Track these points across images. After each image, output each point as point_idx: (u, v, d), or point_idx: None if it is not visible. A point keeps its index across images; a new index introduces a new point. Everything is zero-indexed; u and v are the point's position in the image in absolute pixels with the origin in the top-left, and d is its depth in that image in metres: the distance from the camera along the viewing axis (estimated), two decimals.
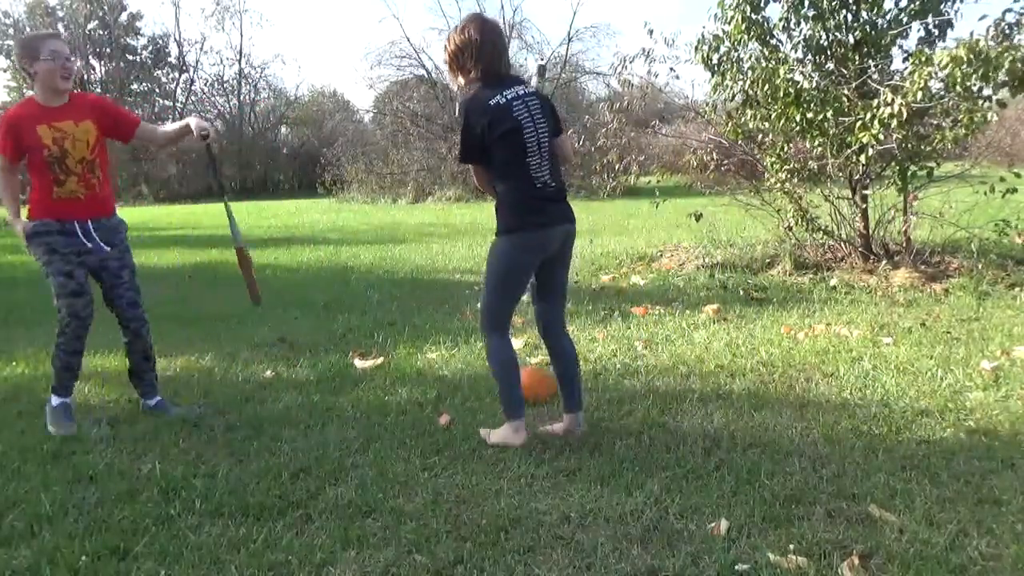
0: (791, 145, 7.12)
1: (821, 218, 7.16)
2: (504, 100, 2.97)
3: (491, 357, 3.19)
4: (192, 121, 3.62)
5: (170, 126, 3.91)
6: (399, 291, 7.09)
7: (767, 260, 7.31)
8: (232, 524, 2.56)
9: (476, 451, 3.13)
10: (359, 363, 4.53)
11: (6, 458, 3.17)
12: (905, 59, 6.51)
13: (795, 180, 7.01)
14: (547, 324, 3.29)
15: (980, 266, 6.31)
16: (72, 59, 3.41)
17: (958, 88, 5.51)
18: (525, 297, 6.64)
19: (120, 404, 3.91)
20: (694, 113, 8.62)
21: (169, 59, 35.65)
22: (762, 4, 6.64)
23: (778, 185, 7.02)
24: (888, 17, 6.53)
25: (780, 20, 6.67)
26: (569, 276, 3.36)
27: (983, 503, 2.58)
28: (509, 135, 2.96)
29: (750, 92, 6.57)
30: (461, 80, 3.07)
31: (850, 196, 6.99)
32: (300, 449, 3.20)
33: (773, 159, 7.03)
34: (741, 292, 6.31)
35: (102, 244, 3.50)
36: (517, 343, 4.87)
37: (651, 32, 7.41)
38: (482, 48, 3.00)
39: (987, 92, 5.67)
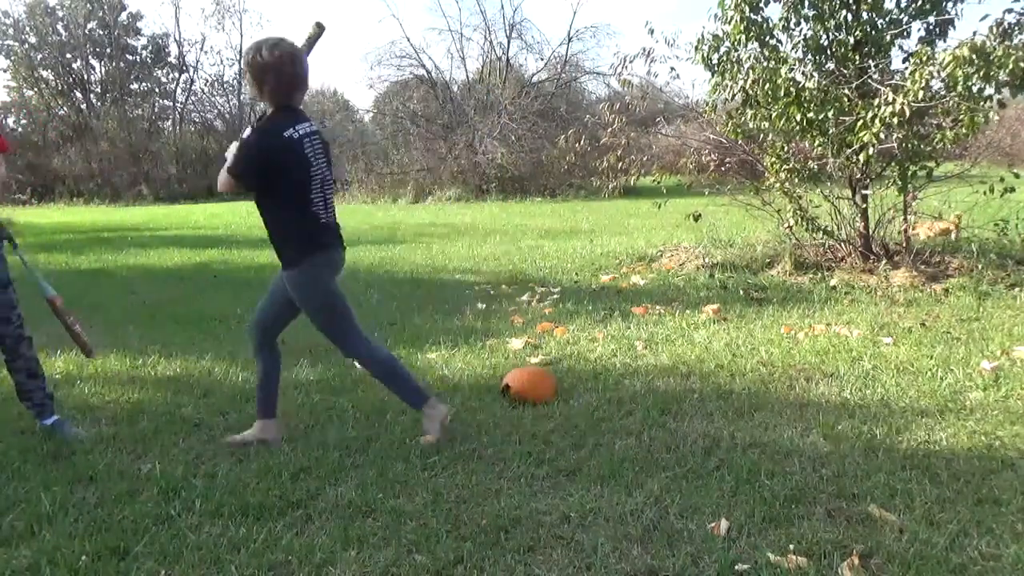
0: (791, 145, 7.12)
1: (821, 218, 7.16)
2: (297, 135, 2.99)
3: (374, 369, 3.30)
4: None
5: None
6: (399, 291, 7.08)
7: (767, 260, 7.31)
8: (232, 524, 2.56)
9: (476, 451, 3.13)
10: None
11: (6, 458, 3.17)
12: (905, 59, 6.51)
13: (795, 180, 7.01)
14: (271, 340, 3.35)
15: (980, 266, 6.31)
16: None
17: (960, 88, 5.51)
18: (525, 296, 6.61)
19: (120, 404, 3.91)
20: (695, 113, 8.62)
21: (169, 59, 35.55)
22: (761, 4, 6.64)
23: (778, 185, 7.02)
24: (888, 17, 6.53)
25: (780, 20, 6.67)
26: (570, 277, 3.36)
27: (983, 503, 2.58)
28: (296, 170, 2.99)
29: (750, 92, 6.57)
30: (253, 91, 3.06)
31: (850, 196, 6.99)
32: (300, 449, 3.20)
33: (773, 159, 7.03)
34: (741, 292, 6.31)
35: None
36: (517, 343, 4.87)
37: (651, 31, 7.42)
38: (290, 79, 2.99)
39: (988, 92, 5.67)
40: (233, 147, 3.07)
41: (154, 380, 4.34)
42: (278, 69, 2.96)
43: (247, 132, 3.04)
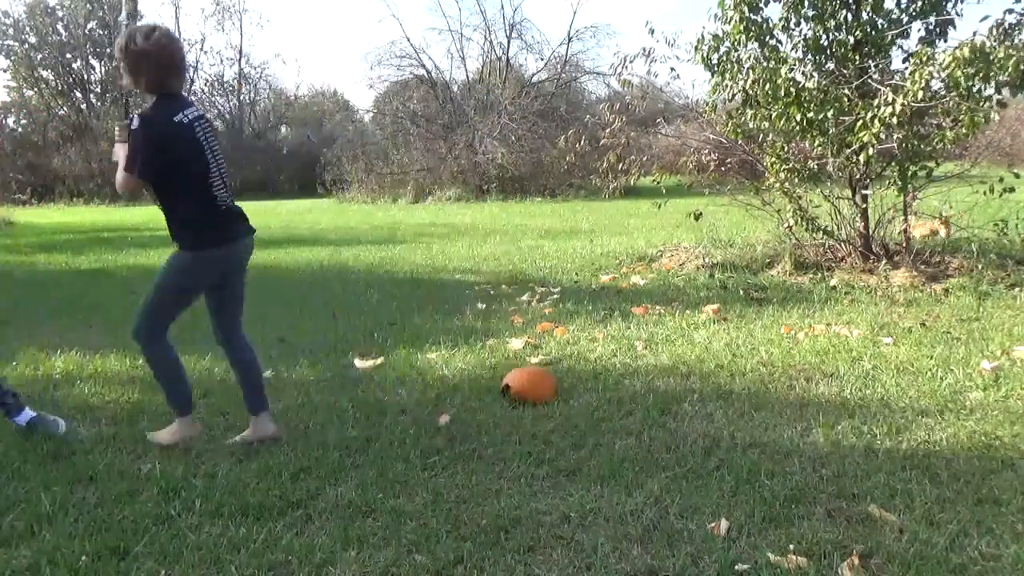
0: (791, 145, 7.12)
1: (821, 218, 7.16)
2: (187, 120, 2.97)
3: (156, 365, 3.27)
4: None
5: None
6: (399, 291, 7.09)
7: (767, 260, 7.31)
8: (232, 524, 2.56)
9: (476, 451, 3.13)
10: (359, 363, 4.53)
11: (6, 458, 3.17)
12: (905, 59, 6.52)
13: (795, 180, 7.01)
14: (228, 336, 3.33)
15: (980, 266, 6.31)
16: None
17: (960, 88, 5.51)
18: (524, 296, 6.62)
19: (120, 404, 3.91)
20: (695, 113, 8.62)
21: None
22: (761, 4, 6.64)
23: (778, 185, 7.02)
24: (888, 17, 6.53)
25: (780, 20, 6.68)
26: (570, 277, 3.36)
27: (983, 503, 2.58)
28: (192, 155, 2.98)
29: (750, 92, 6.58)
30: (129, 81, 3.01)
31: (850, 196, 6.99)
32: (300, 449, 3.20)
33: (773, 159, 7.03)
34: (741, 292, 6.31)
35: None
36: (517, 343, 4.87)
37: (652, 31, 7.42)
38: (168, 66, 2.96)
39: (988, 92, 5.67)
40: (118, 148, 3.02)
41: (154, 380, 4.33)
42: (156, 56, 2.92)
43: (135, 123, 2.93)
